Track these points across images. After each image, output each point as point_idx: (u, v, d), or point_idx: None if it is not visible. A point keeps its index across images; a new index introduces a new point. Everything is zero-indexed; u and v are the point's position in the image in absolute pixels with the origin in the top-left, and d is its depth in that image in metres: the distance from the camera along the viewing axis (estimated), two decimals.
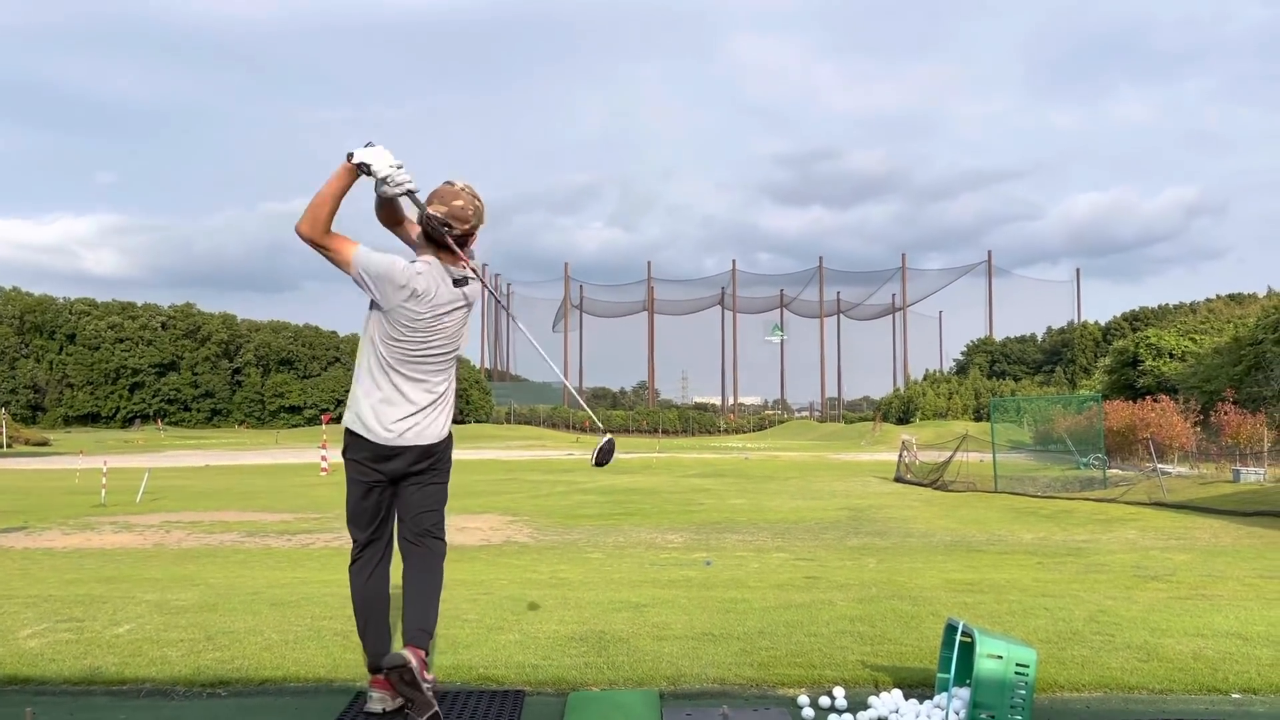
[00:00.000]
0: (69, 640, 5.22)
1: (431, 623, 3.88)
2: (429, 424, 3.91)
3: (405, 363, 3.86)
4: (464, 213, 3.78)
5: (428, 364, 3.91)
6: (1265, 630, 5.49)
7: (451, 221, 3.76)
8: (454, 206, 3.76)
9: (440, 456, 3.99)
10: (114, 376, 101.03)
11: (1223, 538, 14.32)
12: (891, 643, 5.12)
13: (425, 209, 3.79)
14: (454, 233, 3.78)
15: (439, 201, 3.77)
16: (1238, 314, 61.09)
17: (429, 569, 3.93)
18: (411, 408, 3.86)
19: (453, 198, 3.78)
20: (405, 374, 3.86)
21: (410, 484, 3.94)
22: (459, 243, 3.84)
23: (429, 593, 3.90)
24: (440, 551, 4.00)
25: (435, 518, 3.99)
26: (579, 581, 8.58)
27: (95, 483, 23.00)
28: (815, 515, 18.07)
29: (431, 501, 3.98)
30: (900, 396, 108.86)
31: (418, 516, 3.95)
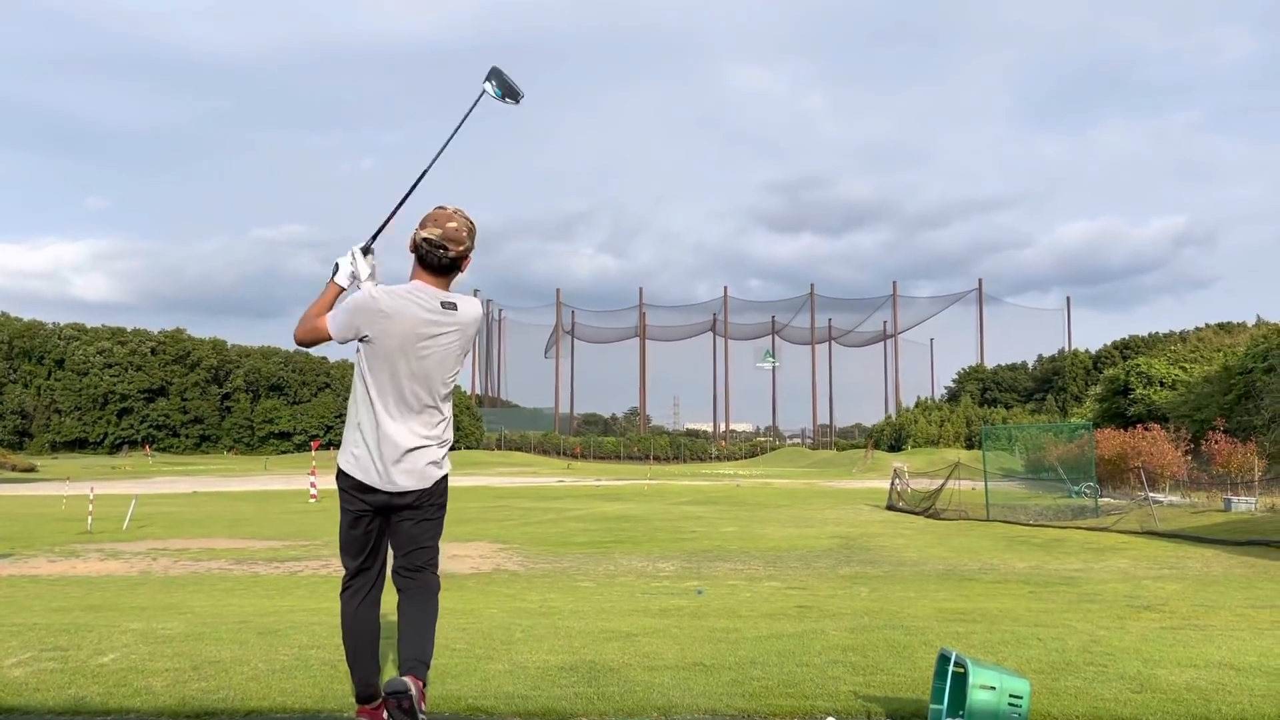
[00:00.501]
0: (53, 669, 5.16)
1: (428, 654, 3.83)
2: (413, 468, 3.80)
3: (389, 398, 3.78)
4: (458, 234, 3.76)
5: (413, 399, 3.79)
6: (1258, 660, 5.47)
7: (447, 244, 3.74)
8: (448, 229, 3.75)
9: (431, 497, 3.89)
10: (102, 402, 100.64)
11: (1214, 567, 14.31)
12: (884, 673, 5.09)
13: (413, 237, 3.81)
14: (449, 255, 3.76)
15: (432, 225, 3.75)
16: (1227, 343, 61.45)
17: (423, 603, 3.88)
18: (396, 451, 3.77)
19: (446, 220, 3.76)
20: (390, 413, 3.78)
21: (402, 519, 3.88)
22: (453, 265, 3.81)
23: (424, 626, 3.85)
24: (434, 585, 3.95)
25: (428, 555, 3.93)
26: (569, 610, 8.52)
27: (82, 509, 22.84)
28: (807, 543, 18.02)
29: (425, 538, 3.92)
30: (892, 424, 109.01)
31: (410, 553, 3.90)
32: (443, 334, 3.81)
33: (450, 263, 3.80)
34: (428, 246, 3.75)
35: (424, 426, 3.83)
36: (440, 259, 3.77)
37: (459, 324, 3.85)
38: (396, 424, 3.78)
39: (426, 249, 3.75)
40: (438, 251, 3.75)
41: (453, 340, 3.84)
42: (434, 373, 3.82)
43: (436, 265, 3.79)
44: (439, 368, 3.83)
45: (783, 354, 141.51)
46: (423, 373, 3.79)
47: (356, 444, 3.82)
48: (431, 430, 3.86)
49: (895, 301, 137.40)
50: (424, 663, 3.76)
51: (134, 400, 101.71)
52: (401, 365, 3.76)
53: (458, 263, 3.83)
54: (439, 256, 3.76)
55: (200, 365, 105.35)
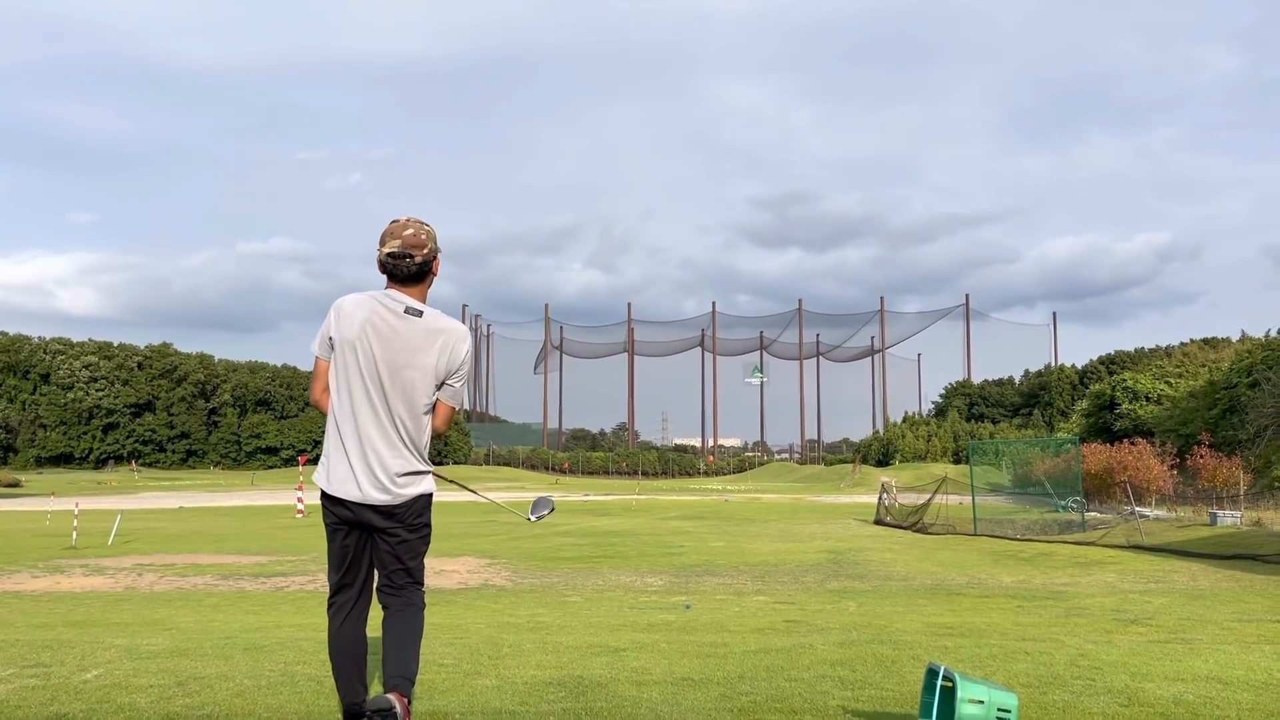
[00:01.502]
0: (36, 686, 5.11)
1: (413, 671, 3.79)
2: (381, 481, 3.74)
3: (359, 407, 3.76)
4: (417, 239, 3.78)
5: (383, 409, 3.75)
6: (1245, 674, 5.49)
7: (410, 251, 3.76)
8: (406, 237, 3.77)
9: (408, 515, 3.82)
10: (88, 417, 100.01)
11: (1201, 581, 14.36)
12: (872, 687, 5.08)
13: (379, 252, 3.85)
14: (415, 261, 3.77)
15: (391, 239, 3.77)
16: (1212, 358, 61.85)
17: (407, 620, 3.84)
18: (362, 462, 3.74)
19: (402, 230, 3.79)
20: (359, 422, 3.76)
21: (383, 536, 3.85)
22: (421, 271, 3.82)
23: (408, 643, 3.81)
24: (418, 603, 3.89)
25: (407, 576, 3.87)
26: (557, 625, 8.49)
27: (67, 525, 22.68)
28: (795, 558, 18.01)
29: (406, 557, 3.85)
30: (880, 439, 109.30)
31: (393, 572, 3.86)
32: (408, 341, 3.76)
33: (418, 269, 3.80)
34: (393, 260, 3.78)
35: (395, 440, 3.78)
36: (408, 268, 3.78)
37: (427, 332, 3.79)
38: (365, 435, 3.76)
39: (392, 262, 3.79)
40: (404, 261, 3.77)
41: (424, 355, 3.77)
42: (403, 381, 3.76)
43: (406, 275, 3.80)
44: (409, 379, 3.77)
45: (771, 369, 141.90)
46: (391, 379, 3.75)
47: (327, 454, 3.84)
48: (403, 445, 3.79)
49: (883, 317, 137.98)
50: (409, 679, 3.73)
51: (120, 415, 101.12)
52: (357, 362, 3.75)
53: (426, 267, 3.83)
54: (406, 266, 3.78)
55: (187, 380, 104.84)
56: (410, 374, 3.75)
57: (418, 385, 3.77)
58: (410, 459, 3.80)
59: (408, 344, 3.76)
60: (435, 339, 3.79)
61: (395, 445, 3.77)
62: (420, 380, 3.77)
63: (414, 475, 3.81)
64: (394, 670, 3.72)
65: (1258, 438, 34.06)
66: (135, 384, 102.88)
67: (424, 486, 3.86)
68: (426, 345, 3.77)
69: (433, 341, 3.78)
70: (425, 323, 3.79)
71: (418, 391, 3.78)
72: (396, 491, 3.76)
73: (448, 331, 3.82)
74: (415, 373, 3.76)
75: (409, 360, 3.75)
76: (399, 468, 3.77)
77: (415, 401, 3.79)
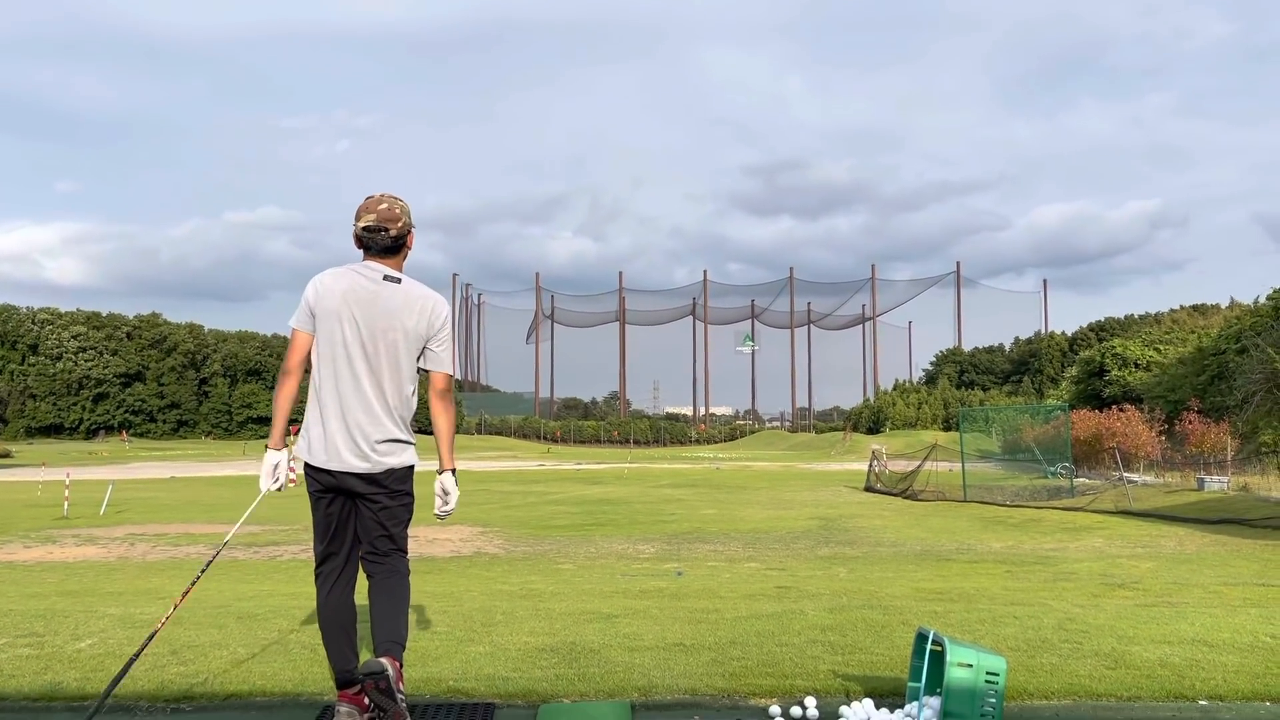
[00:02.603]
0: (29, 655, 5.12)
1: (402, 635, 3.82)
2: (359, 448, 3.78)
3: (339, 373, 3.80)
4: (391, 213, 3.87)
5: (365, 376, 3.79)
6: (1231, 637, 5.55)
7: (385, 225, 3.85)
8: (381, 211, 3.86)
9: (388, 483, 3.84)
10: (77, 387, 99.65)
11: (1188, 545, 14.49)
12: (863, 652, 5.13)
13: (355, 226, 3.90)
14: (390, 234, 3.86)
15: (366, 214, 3.86)
16: (1201, 324, 62.08)
17: (392, 587, 3.84)
18: (341, 429, 3.78)
19: (377, 204, 3.88)
20: (339, 390, 3.80)
21: (364, 504, 3.87)
22: (396, 244, 3.90)
23: (394, 610, 3.82)
24: (401, 569, 3.90)
25: (390, 543, 3.87)
26: (550, 593, 8.53)
27: (58, 495, 22.65)
28: (786, 525, 18.11)
29: (389, 525, 3.86)
30: (870, 406, 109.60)
31: (376, 539, 3.88)
32: (388, 305, 3.82)
33: (393, 242, 3.89)
34: (368, 234, 3.86)
35: (377, 409, 3.81)
36: (383, 241, 3.87)
37: (406, 297, 3.85)
38: (346, 404, 3.80)
39: (368, 236, 3.87)
40: (379, 235, 3.86)
41: (404, 317, 3.83)
42: (387, 345, 3.82)
43: (381, 248, 3.89)
44: (392, 341, 3.82)
45: (762, 338, 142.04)
46: (373, 344, 3.81)
47: (308, 425, 3.88)
48: (385, 413, 3.82)
49: (874, 285, 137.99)
50: (399, 643, 3.75)
51: (110, 385, 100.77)
52: (341, 332, 3.80)
53: (401, 241, 3.92)
54: (381, 239, 3.87)
55: (177, 350, 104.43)
56: (393, 336, 3.82)
57: (400, 349, 3.83)
58: (391, 428, 3.84)
59: (388, 308, 3.82)
60: (414, 303, 3.86)
61: (375, 414, 3.81)
62: (403, 343, 3.83)
63: (394, 444, 3.85)
64: (384, 635, 3.74)
65: (1245, 404, 34.22)
66: (124, 354, 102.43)
67: (406, 457, 3.90)
68: (406, 308, 3.84)
69: (412, 305, 3.85)
70: (404, 289, 3.88)
71: (400, 355, 3.83)
72: (376, 459, 3.80)
73: (426, 297, 3.91)
74: (398, 335, 3.82)
75: (390, 323, 3.82)
76: (379, 435, 3.81)
77: (399, 366, 3.84)
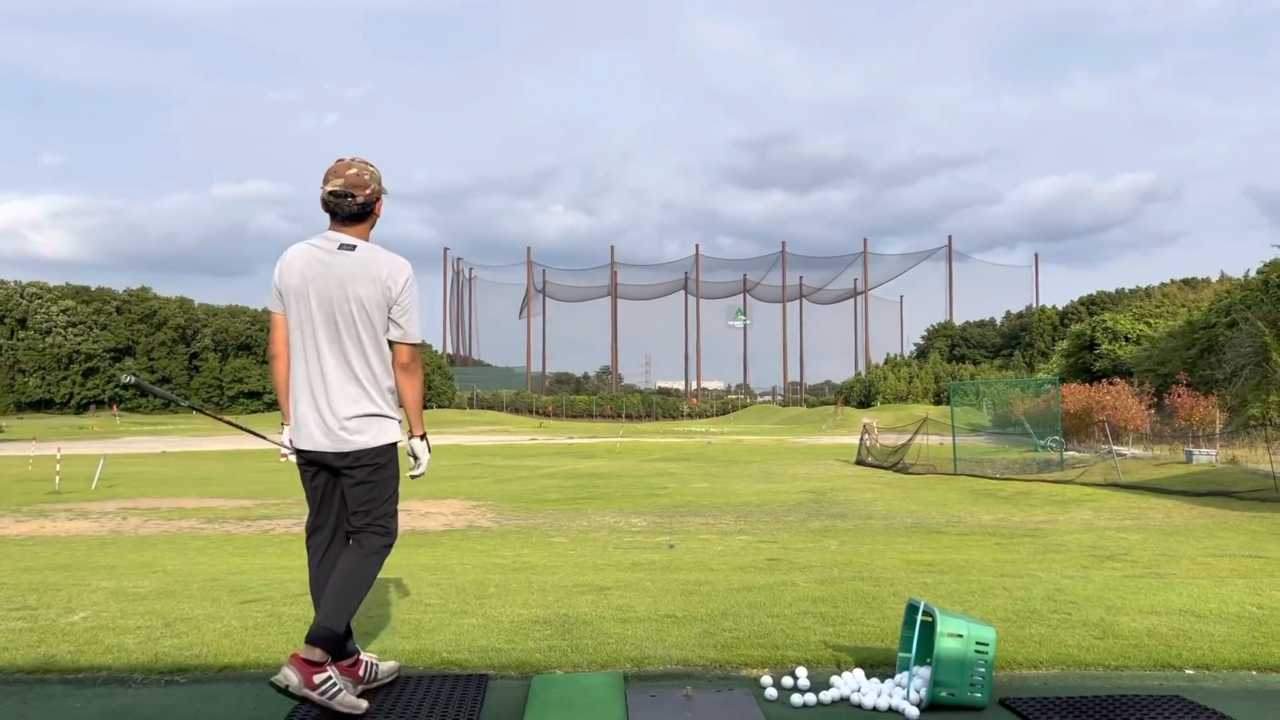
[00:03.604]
0: (22, 629, 5.13)
1: (339, 621, 3.65)
2: (327, 425, 3.71)
3: (307, 351, 3.75)
4: (360, 179, 3.76)
5: (329, 350, 3.72)
6: (1217, 607, 5.60)
7: (352, 190, 3.75)
8: (349, 176, 3.76)
9: (360, 460, 3.75)
10: (67, 362, 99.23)
11: (1175, 517, 14.60)
12: (853, 623, 5.16)
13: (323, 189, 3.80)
14: (357, 201, 3.76)
15: (334, 177, 3.76)
16: (1191, 298, 62.23)
17: (350, 564, 3.75)
18: (310, 407, 3.74)
19: (345, 169, 3.78)
20: (307, 366, 3.75)
21: (344, 478, 3.81)
22: (363, 211, 3.80)
23: (342, 589, 3.68)
24: (370, 547, 3.80)
25: (367, 518, 3.80)
26: (542, 565, 8.57)
27: (49, 469, 22.61)
28: (778, 498, 18.18)
29: (363, 502, 3.79)
30: (861, 380, 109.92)
31: (352, 514, 3.83)
32: (340, 274, 3.71)
33: (359, 209, 3.78)
34: (334, 199, 3.76)
35: (346, 382, 3.73)
36: (349, 207, 3.77)
37: (358, 264, 3.72)
38: (314, 382, 3.75)
39: (334, 201, 3.76)
40: (345, 201, 3.75)
41: (357, 286, 3.70)
42: (343, 316, 3.71)
43: (347, 214, 3.79)
44: (347, 312, 3.71)
45: (754, 312, 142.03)
46: (331, 317, 3.72)
47: (291, 403, 3.84)
48: (356, 386, 3.74)
49: (865, 259, 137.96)
50: (331, 632, 3.62)
51: (99, 360, 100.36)
52: (304, 309, 3.74)
53: (367, 208, 3.81)
54: (348, 205, 3.76)
55: (167, 324, 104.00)
56: (347, 307, 3.70)
57: (357, 319, 3.71)
58: (364, 402, 3.74)
59: (340, 277, 3.71)
60: (368, 269, 3.72)
61: (343, 389, 3.72)
62: (359, 314, 3.71)
63: (368, 419, 3.74)
64: (321, 616, 3.63)
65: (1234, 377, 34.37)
66: (114, 328, 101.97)
67: (382, 434, 3.77)
68: (360, 275, 3.71)
69: (365, 272, 3.72)
70: (358, 255, 3.74)
71: (360, 326, 3.72)
72: (348, 438, 3.71)
73: (382, 262, 3.75)
74: (352, 305, 3.70)
75: (343, 293, 3.70)
76: (348, 410, 3.71)
77: (360, 338, 3.73)
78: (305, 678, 3.49)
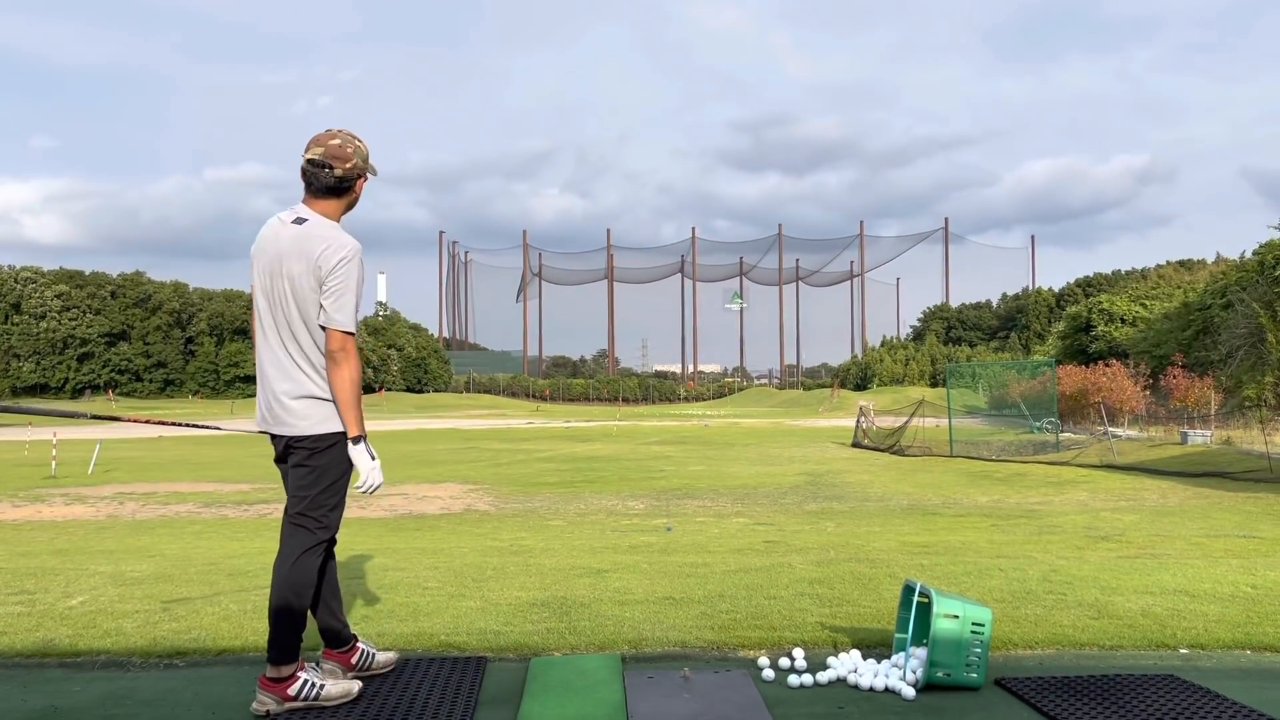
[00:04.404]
0: (21, 613, 5.13)
1: (285, 637, 3.50)
2: (270, 409, 3.61)
3: (263, 332, 3.61)
4: (342, 151, 3.57)
5: (274, 334, 3.57)
6: (1211, 587, 5.63)
7: (331, 162, 3.56)
8: (330, 146, 3.58)
9: (299, 445, 3.58)
10: (61, 346, 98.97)
11: (1170, 498, 14.65)
12: (850, 604, 5.18)
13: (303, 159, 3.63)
14: (334, 173, 3.57)
15: (315, 146, 3.59)
16: (1187, 280, 62.20)
17: (279, 575, 3.57)
18: (262, 388, 3.62)
19: (328, 138, 3.60)
20: (260, 349, 3.64)
21: (289, 458, 3.67)
22: (340, 185, 3.60)
23: (279, 603, 3.52)
24: (301, 544, 3.59)
25: (300, 505, 3.61)
26: (540, 548, 8.59)
27: (45, 454, 22.60)
28: (774, 481, 18.22)
29: (300, 486, 3.61)
30: (858, 363, 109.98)
31: (290, 498, 3.65)
32: (279, 248, 3.53)
33: (336, 182, 3.59)
34: (311, 168, 3.58)
35: (285, 361, 3.57)
36: (325, 179, 3.57)
37: (297, 238, 3.51)
38: (260, 361, 3.65)
39: (310, 170, 3.58)
40: (322, 171, 3.56)
41: (290, 261, 3.50)
42: (279, 292, 3.54)
43: (322, 187, 3.59)
44: (282, 289, 3.53)
45: (750, 295, 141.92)
46: (269, 293, 3.57)
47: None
48: (295, 366, 3.56)
49: (862, 241, 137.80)
50: (282, 649, 3.50)
51: (95, 345, 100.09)
52: (259, 288, 3.61)
53: (345, 183, 3.61)
54: (324, 177, 3.57)
55: (162, 309, 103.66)
56: (282, 284, 3.52)
57: (290, 296, 3.51)
58: (305, 383, 3.55)
59: (278, 252, 3.53)
60: (303, 244, 3.50)
61: (284, 368, 3.56)
62: (293, 291, 3.50)
63: (308, 401, 3.55)
64: (270, 636, 3.53)
65: (1230, 358, 34.43)
66: (109, 313, 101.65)
67: (325, 421, 3.56)
68: (294, 251, 3.50)
69: (299, 247, 3.50)
70: (303, 229, 3.54)
71: (292, 304, 3.51)
72: (287, 420, 3.56)
73: (319, 239, 3.51)
74: (285, 282, 3.51)
75: (279, 268, 3.52)
76: (287, 390, 3.55)
77: (294, 317, 3.53)
78: (280, 695, 3.49)
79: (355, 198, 3.71)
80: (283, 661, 3.50)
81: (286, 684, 3.50)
